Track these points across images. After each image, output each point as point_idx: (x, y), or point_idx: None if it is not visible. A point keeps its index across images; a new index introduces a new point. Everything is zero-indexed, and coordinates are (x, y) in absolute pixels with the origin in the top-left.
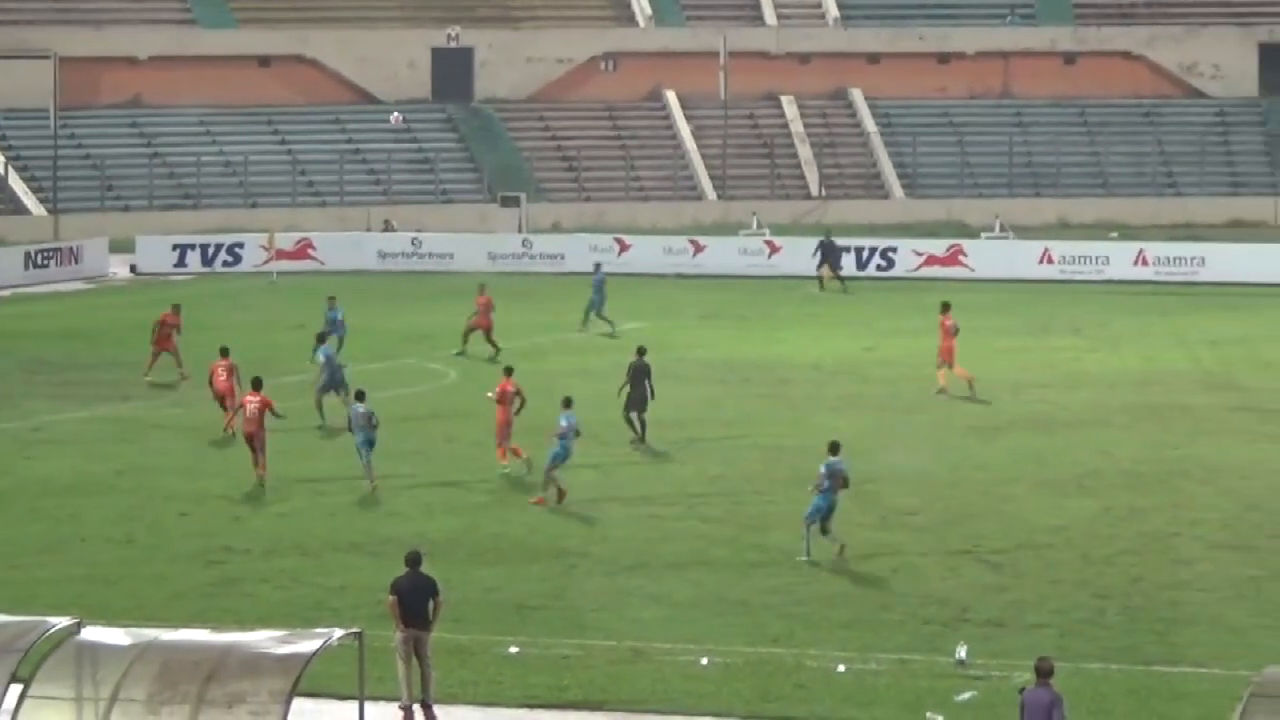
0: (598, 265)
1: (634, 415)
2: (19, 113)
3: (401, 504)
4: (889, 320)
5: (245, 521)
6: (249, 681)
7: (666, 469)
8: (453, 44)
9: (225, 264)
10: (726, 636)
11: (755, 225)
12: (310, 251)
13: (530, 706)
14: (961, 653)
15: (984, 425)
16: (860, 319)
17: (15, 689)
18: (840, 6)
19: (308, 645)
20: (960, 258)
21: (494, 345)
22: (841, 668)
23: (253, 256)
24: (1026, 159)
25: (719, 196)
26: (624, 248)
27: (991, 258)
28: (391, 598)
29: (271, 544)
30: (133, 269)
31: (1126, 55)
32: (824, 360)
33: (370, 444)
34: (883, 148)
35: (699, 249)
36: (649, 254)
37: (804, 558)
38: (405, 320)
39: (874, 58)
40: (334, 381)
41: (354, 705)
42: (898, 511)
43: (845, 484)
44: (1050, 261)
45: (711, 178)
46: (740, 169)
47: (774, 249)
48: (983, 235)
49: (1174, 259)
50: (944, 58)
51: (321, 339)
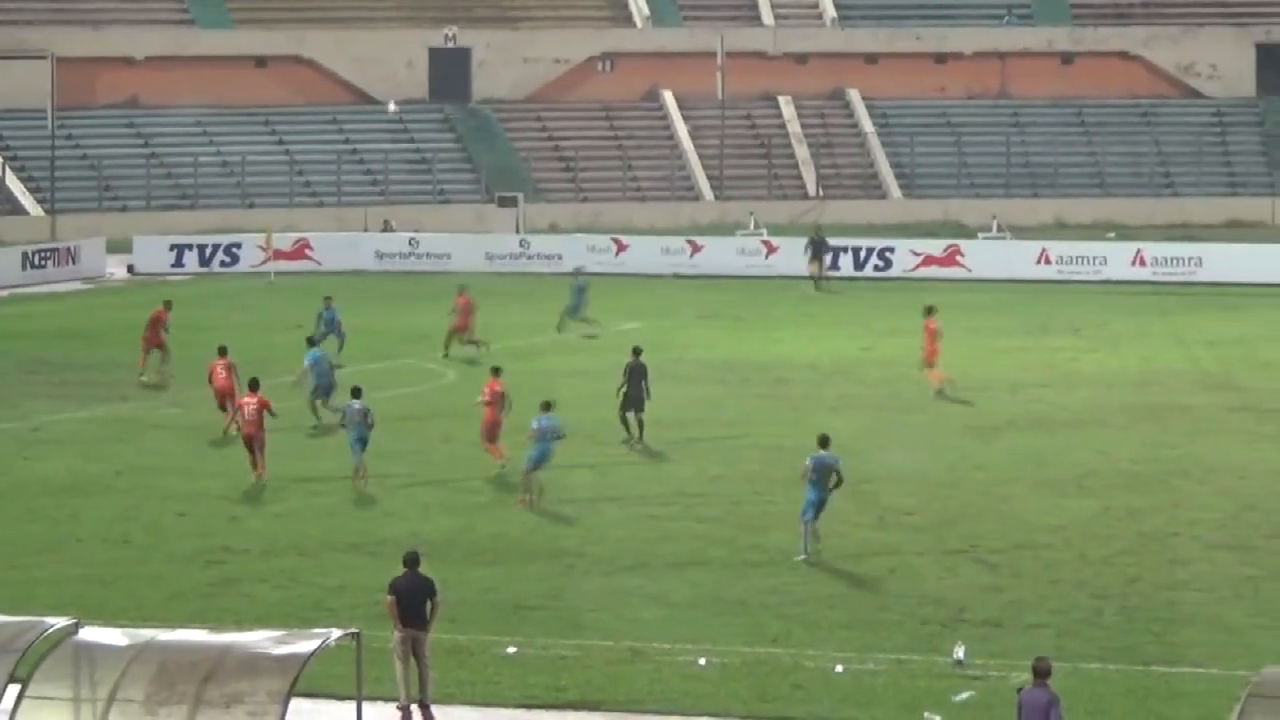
0: (578, 269)
1: (630, 415)
2: (16, 113)
3: (399, 504)
4: (886, 320)
5: (243, 522)
6: (247, 682)
7: (664, 469)
8: (450, 44)
9: (223, 264)
10: (724, 637)
11: (752, 225)
12: (308, 252)
13: (528, 707)
14: (959, 653)
15: (982, 425)
16: (858, 319)
17: (13, 689)
18: (837, 7)
19: (305, 645)
20: (958, 258)
21: (474, 343)
22: (839, 668)
23: (250, 257)
24: (1024, 159)
25: (716, 197)
26: (621, 248)
27: (989, 258)
28: (389, 598)
29: (269, 544)
30: (130, 269)
31: (1124, 55)
32: (821, 360)
33: (363, 442)
34: (880, 148)
35: (696, 249)
36: (646, 254)
37: (801, 556)
38: (403, 320)
39: (871, 58)
40: (323, 385)
41: (352, 705)
42: (895, 511)
43: (839, 481)
44: (1048, 262)
45: (709, 178)
46: (737, 169)
47: (771, 249)
48: (980, 235)
49: (1171, 259)
50: (941, 58)
51: (311, 342)
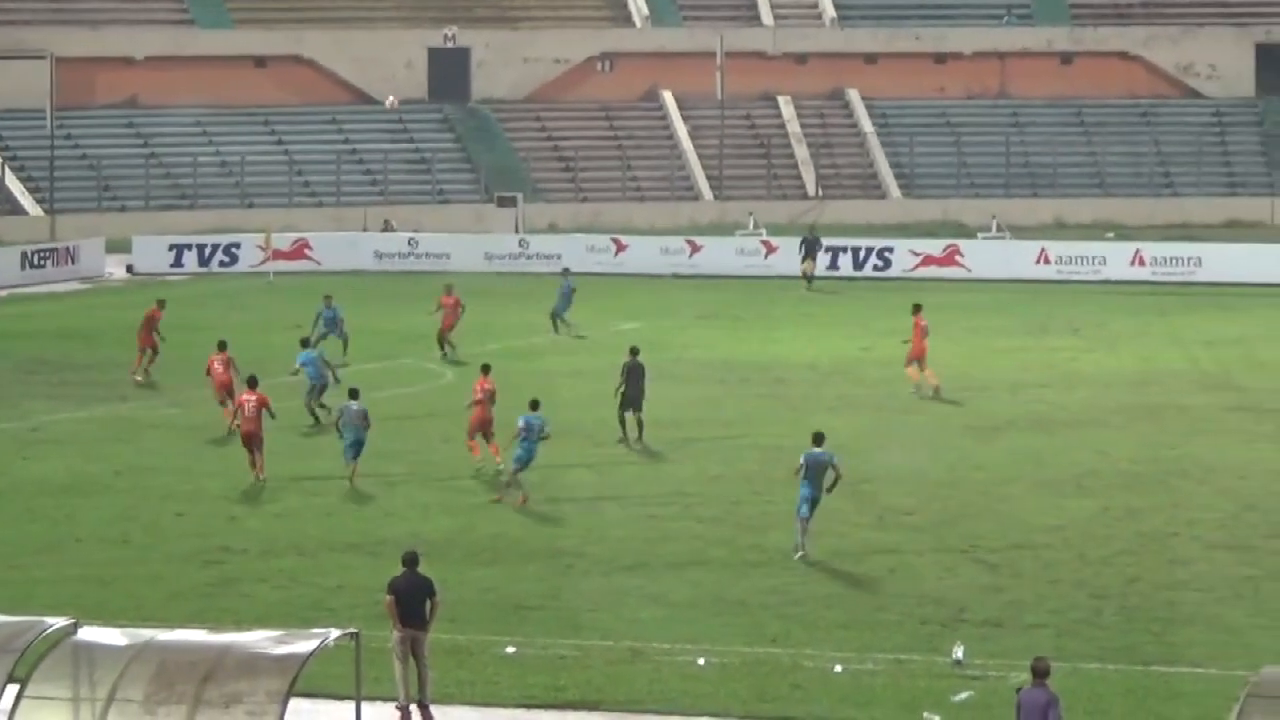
0: (566, 270)
1: (629, 415)
2: (15, 113)
3: (398, 504)
4: (886, 320)
5: (242, 521)
6: (246, 682)
7: (664, 469)
8: (449, 44)
9: (222, 264)
10: (724, 636)
11: (752, 225)
12: (307, 251)
13: (527, 707)
14: (958, 653)
15: (981, 425)
16: (857, 319)
17: (12, 689)
18: (837, 7)
19: (305, 645)
20: (957, 258)
21: (448, 345)
22: (839, 668)
23: (249, 257)
24: (1023, 159)
25: (716, 197)
26: (620, 248)
27: (988, 258)
28: (389, 598)
29: (268, 544)
30: (129, 269)
31: (1123, 55)
32: (820, 360)
33: (360, 444)
34: (879, 148)
35: (696, 249)
36: (645, 254)
37: (799, 554)
38: (402, 320)
39: (871, 58)
40: (318, 385)
41: (351, 705)
42: (895, 511)
43: (838, 477)
44: (1047, 261)
45: (708, 178)
46: (737, 169)
47: (770, 249)
48: (979, 235)
49: (1171, 259)
50: (941, 58)
51: (305, 343)
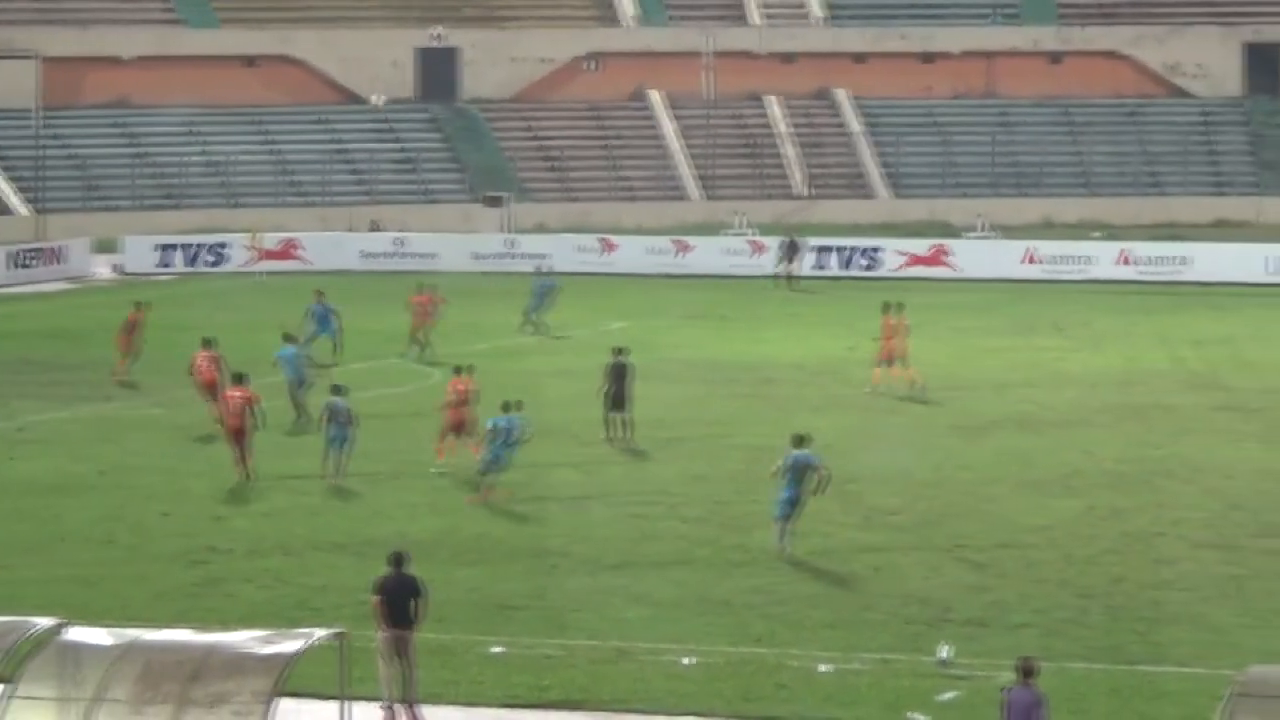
0: (539, 269)
1: (613, 415)
2: (3, 112)
3: (384, 504)
4: (872, 321)
5: (228, 521)
6: (232, 681)
7: (649, 468)
8: (437, 44)
9: (209, 264)
10: (709, 636)
11: (739, 225)
12: (295, 251)
13: (512, 706)
14: (944, 653)
15: (967, 425)
16: (843, 319)
17: None
18: (824, 6)
19: (291, 645)
20: (944, 257)
21: (415, 344)
22: (824, 667)
23: (237, 256)
24: (1011, 159)
25: (704, 196)
26: (609, 248)
27: (975, 257)
28: (375, 598)
29: (254, 544)
30: (117, 269)
31: (1110, 55)
32: (807, 360)
33: (343, 440)
34: (867, 147)
35: (683, 249)
36: (633, 254)
37: (781, 550)
38: (389, 320)
39: (859, 57)
40: (295, 380)
41: (336, 705)
42: (880, 511)
43: (824, 481)
44: (1034, 261)
45: (696, 178)
46: (725, 169)
47: (759, 249)
48: (966, 235)
49: (1158, 259)
50: (928, 57)
51: (288, 338)
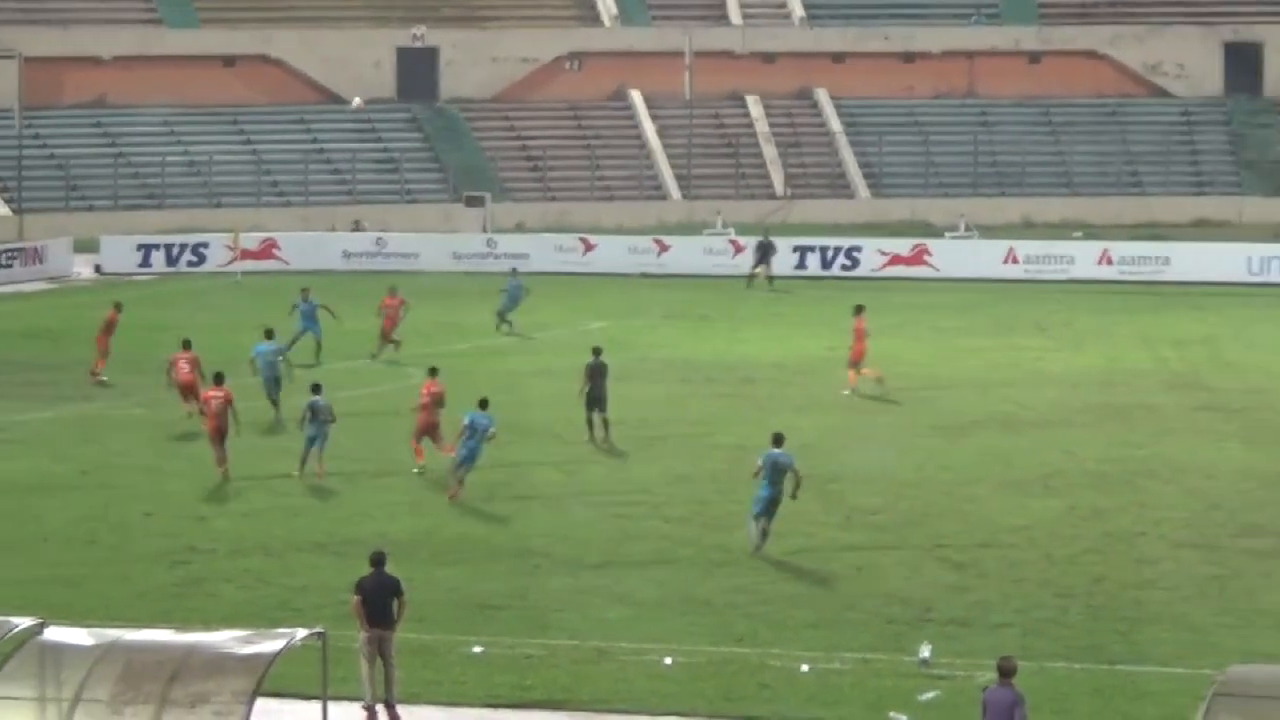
0: (514, 270)
1: (593, 415)
2: None
3: (365, 504)
4: (853, 320)
5: (209, 521)
6: (212, 681)
7: (630, 468)
8: (417, 44)
9: (190, 264)
10: (690, 636)
11: (719, 225)
12: (275, 251)
13: (494, 706)
14: (925, 652)
15: (948, 425)
16: (824, 319)
17: None
18: (805, 6)
19: (271, 645)
20: (925, 257)
21: (382, 344)
22: (805, 667)
23: (217, 256)
24: (991, 158)
25: (684, 196)
26: (589, 247)
27: (956, 257)
28: (356, 598)
29: (235, 544)
30: (97, 269)
31: (1091, 55)
32: (787, 360)
33: (321, 438)
34: (848, 147)
35: (664, 248)
36: (613, 254)
37: (752, 549)
38: (369, 320)
39: (839, 57)
40: (268, 378)
41: (317, 705)
42: (861, 511)
43: (796, 480)
44: (1015, 261)
45: (676, 177)
46: (705, 169)
47: (739, 248)
48: (947, 235)
49: (1138, 258)
50: (909, 57)
51: (269, 335)
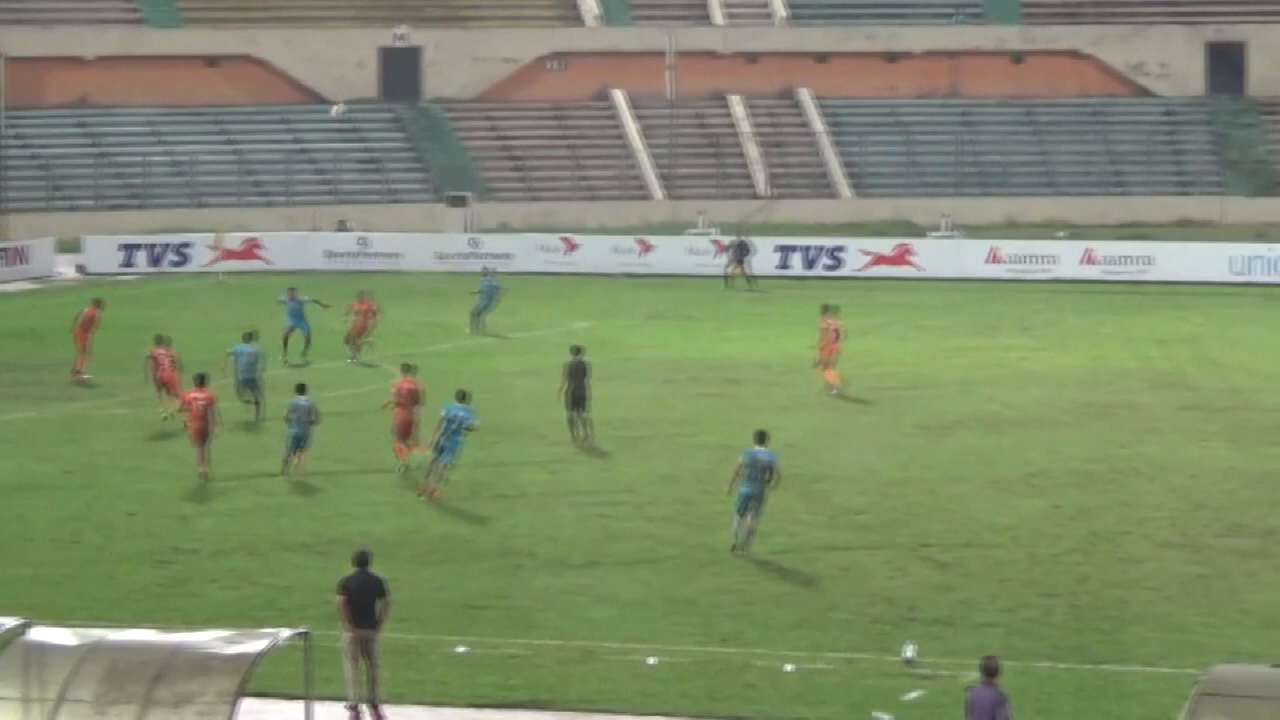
0: (486, 269)
1: (574, 414)
2: None
3: (349, 504)
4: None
5: (193, 521)
6: (197, 681)
7: (614, 468)
8: (401, 44)
9: (173, 264)
10: (675, 636)
11: (702, 225)
12: (258, 251)
13: (478, 706)
14: (909, 652)
15: (932, 424)
16: (808, 318)
17: None
18: (788, 6)
19: (255, 645)
20: (908, 257)
21: (356, 347)
22: (790, 667)
23: (200, 256)
24: (974, 158)
25: (667, 196)
26: (572, 247)
27: (939, 257)
28: (340, 598)
29: (219, 544)
30: (80, 269)
31: (1074, 54)
32: (772, 359)
33: (304, 439)
34: (831, 147)
35: (647, 248)
36: (597, 253)
37: (732, 545)
38: (353, 320)
39: (822, 57)
40: (243, 379)
41: (301, 705)
42: (846, 511)
43: (776, 479)
44: (998, 261)
45: (659, 177)
46: (688, 168)
47: (722, 248)
48: (930, 234)
49: (1122, 258)
50: (892, 57)
51: (248, 337)
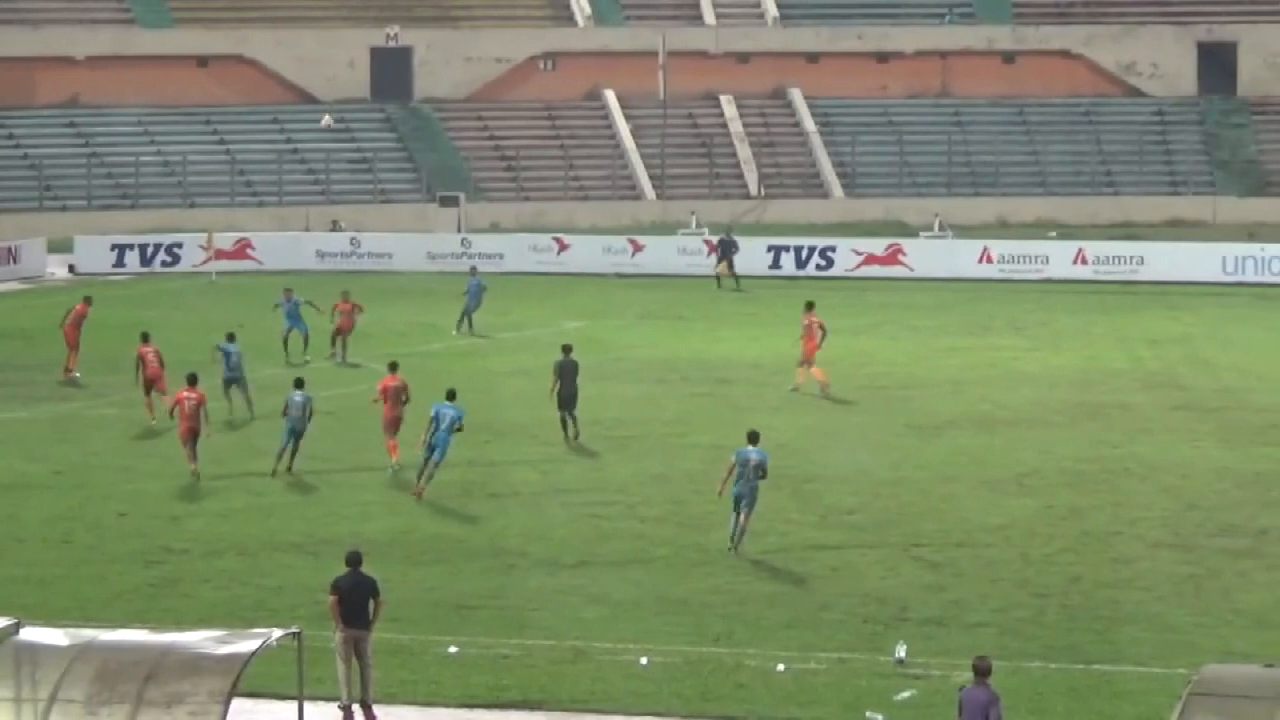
0: (473, 269)
1: (563, 414)
2: None
3: (340, 504)
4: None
5: (184, 521)
6: (188, 682)
7: (606, 468)
8: (392, 44)
9: (164, 264)
10: (667, 636)
11: (694, 225)
12: (249, 251)
13: (470, 706)
14: (901, 652)
15: (924, 424)
16: (799, 319)
17: None
18: (779, 6)
19: (247, 645)
20: (899, 257)
21: (334, 348)
22: (781, 667)
23: (191, 256)
24: (966, 158)
25: (658, 196)
26: (563, 247)
27: (931, 257)
28: (332, 598)
29: (210, 544)
30: (71, 269)
31: (1065, 54)
32: (763, 359)
33: (298, 434)
34: (822, 147)
35: (638, 248)
36: (588, 253)
37: (729, 546)
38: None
39: (813, 57)
40: (228, 378)
41: (293, 705)
42: (837, 511)
43: (763, 474)
44: (989, 261)
45: (651, 177)
46: (679, 168)
47: (713, 248)
48: (922, 234)
49: (1113, 258)
50: (883, 57)
51: (231, 337)
